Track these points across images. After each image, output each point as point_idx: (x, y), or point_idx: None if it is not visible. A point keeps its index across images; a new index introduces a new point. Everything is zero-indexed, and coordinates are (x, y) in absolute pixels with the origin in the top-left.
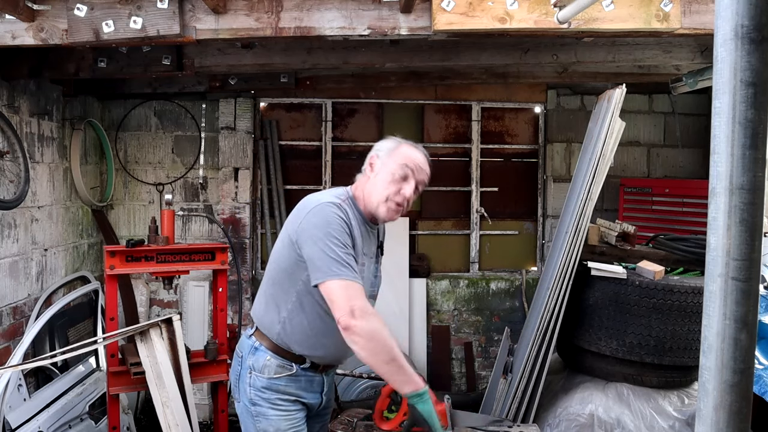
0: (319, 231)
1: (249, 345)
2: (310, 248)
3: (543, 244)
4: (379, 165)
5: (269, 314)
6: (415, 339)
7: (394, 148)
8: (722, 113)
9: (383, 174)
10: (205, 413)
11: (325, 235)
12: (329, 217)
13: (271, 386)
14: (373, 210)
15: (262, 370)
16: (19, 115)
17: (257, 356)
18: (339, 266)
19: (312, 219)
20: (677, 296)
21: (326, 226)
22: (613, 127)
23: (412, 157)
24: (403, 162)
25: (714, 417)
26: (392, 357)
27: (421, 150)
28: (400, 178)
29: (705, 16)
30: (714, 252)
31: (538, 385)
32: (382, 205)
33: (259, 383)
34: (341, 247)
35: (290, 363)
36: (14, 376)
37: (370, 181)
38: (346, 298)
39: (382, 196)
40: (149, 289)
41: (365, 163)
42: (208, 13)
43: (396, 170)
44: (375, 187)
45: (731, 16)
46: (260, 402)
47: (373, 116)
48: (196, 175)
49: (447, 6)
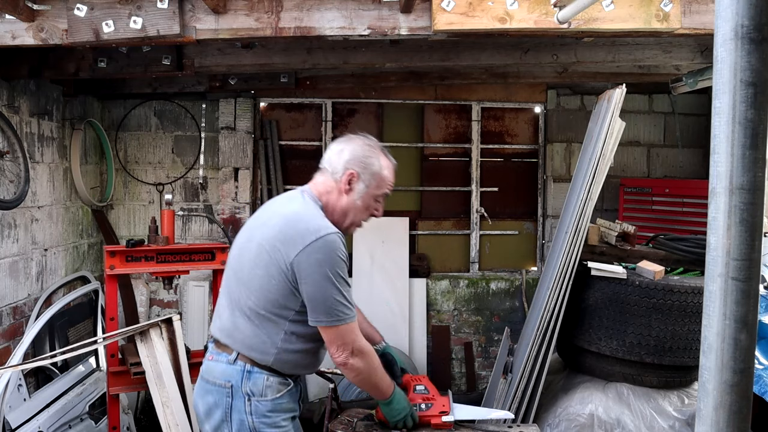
0: (325, 270)
1: (238, 371)
2: (314, 288)
3: (543, 244)
4: (361, 189)
5: (259, 341)
6: (415, 339)
7: (377, 170)
8: (722, 113)
9: (365, 200)
10: None
11: (333, 275)
12: (335, 255)
13: (276, 407)
14: (341, 226)
15: (264, 393)
16: (19, 115)
17: (253, 380)
18: (345, 309)
19: (315, 255)
20: (677, 296)
21: (332, 265)
22: (613, 127)
23: (390, 179)
24: (384, 189)
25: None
26: (375, 383)
27: (392, 161)
28: (377, 203)
29: (705, 16)
30: (714, 252)
31: (538, 385)
32: (354, 227)
33: (263, 408)
34: (345, 286)
35: (286, 379)
36: (14, 376)
37: (347, 201)
38: (349, 342)
39: (358, 219)
40: (149, 289)
41: (339, 171)
42: (208, 13)
43: (378, 197)
44: (352, 210)
45: (731, 16)
46: (264, 429)
47: (373, 116)
48: (196, 175)
49: (447, 6)
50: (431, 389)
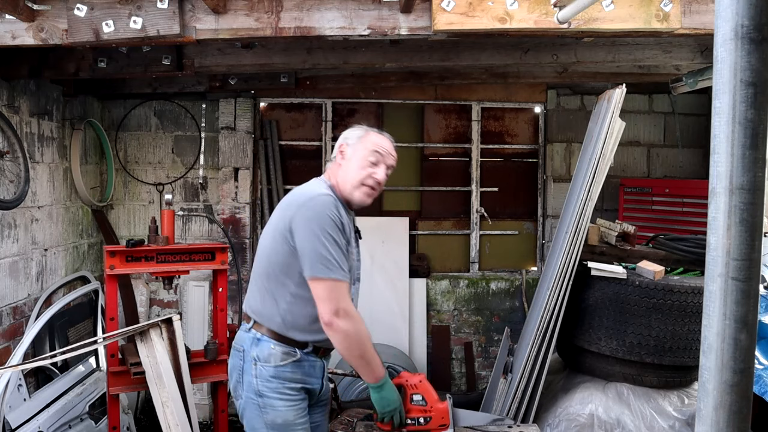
0: (314, 225)
1: (250, 338)
2: (304, 242)
3: (543, 244)
4: (350, 152)
5: (267, 307)
6: (415, 339)
7: (362, 135)
8: (722, 113)
9: (355, 160)
10: (205, 413)
11: (320, 230)
12: (323, 212)
13: (279, 374)
14: (347, 195)
15: (267, 359)
16: (19, 115)
17: (261, 346)
18: (330, 264)
19: (306, 213)
20: (677, 296)
21: (320, 221)
22: (613, 127)
23: (380, 143)
24: (373, 148)
25: (714, 417)
26: (362, 354)
27: (388, 137)
28: (371, 163)
29: (705, 16)
30: (714, 252)
31: (538, 385)
32: (357, 190)
33: (266, 373)
34: (334, 244)
35: (294, 349)
36: (14, 376)
37: (343, 168)
38: (334, 299)
39: (356, 180)
40: (149, 289)
41: (335, 151)
42: (208, 13)
43: (367, 155)
44: (348, 173)
45: (731, 16)
46: (268, 393)
47: (373, 116)
48: (196, 175)
49: (447, 6)
50: (429, 398)
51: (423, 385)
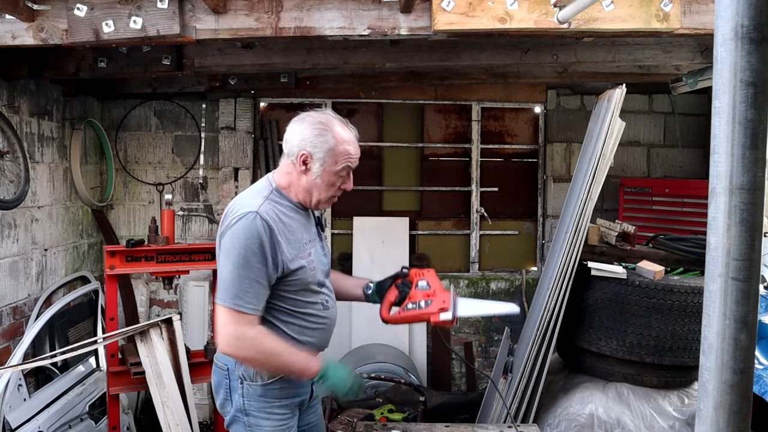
0: (230, 251)
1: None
2: (219, 265)
3: (543, 244)
4: (317, 168)
5: None
6: (415, 339)
7: (332, 146)
8: (722, 113)
9: (325, 178)
10: (205, 413)
11: (234, 258)
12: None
13: (266, 393)
14: (310, 205)
15: (254, 378)
16: (19, 115)
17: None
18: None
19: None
20: (677, 296)
21: (236, 250)
22: (613, 127)
23: (351, 151)
24: (345, 162)
25: (714, 417)
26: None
27: (353, 132)
28: (341, 177)
29: (705, 16)
30: (714, 252)
31: (538, 385)
32: (324, 203)
33: (254, 392)
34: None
35: None
36: (14, 376)
37: (306, 181)
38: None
39: (324, 196)
40: (149, 289)
41: (293, 154)
42: (208, 13)
43: (339, 170)
44: (314, 188)
45: (731, 16)
46: (254, 412)
47: (373, 116)
48: (196, 175)
49: (447, 6)
50: (434, 284)
51: (429, 274)
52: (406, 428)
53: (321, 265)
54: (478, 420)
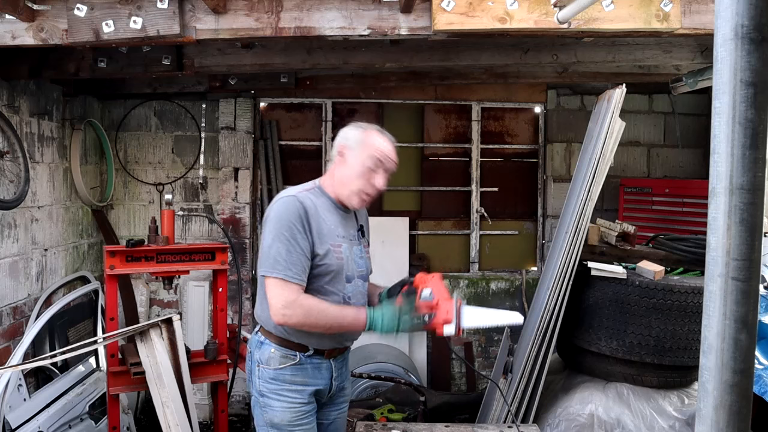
0: (270, 226)
1: (256, 341)
2: (262, 242)
3: (543, 244)
4: (351, 156)
5: (265, 310)
6: (415, 339)
7: (363, 139)
8: (722, 113)
9: (355, 166)
10: (205, 413)
11: (276, 232)
12: (281, 214)
13: (278, 377)
14: (344, 199)
15: (268, 362)
16: (19, 115)
17: (263, 350)
18: (278, 263)
19: (269, 215)
20: (677, 296)
21: (277, 223)
22: (613, 127)
23: (381, 148)
24: (374, 154)
25: (714, 417)
26: (330, 326)
27: (388, 137)
28: (371, 170)
29: (705, 16)
30: (714, 252)
31: (538, 385)
32: (354, 196)
33: (266, 375)
34: (286, 243)
35: (293, 352)
36: (14, 376)
37: (341, 171)
38: (277, 296)
39: (354, 187)
40: (149, 289)
41: (334, 150)
42: (208, 13)
43: (367, 162)
44: (347, 177)
45: (731, 16)
46: (267, 393)
47: (373, 116)
48: (196, 175)
49: (447, 6)
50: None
51: (434, 281)
52: (406, 428)
53: (354, 263)
54: (478, 420)
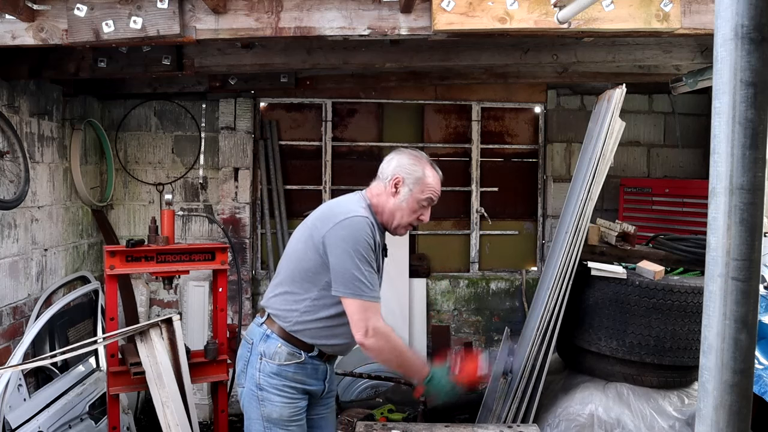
0: (347, 246)
1: (260, 332)
2: (337, 260)
3: (543, 244)
4: (406, 192)
5: (284, 307)
6: (415, 339)
7: (420, 177)
8: (722, 113)
9: (410, 203)
10: (205, 413)
11: (353, 251)
12: (359, 234)
13: (280, 372)
14: (390, 228)
15: (272, 357)
16: (19, 115)
17: (269, 343)
18: (362, 285)
19: (341, 231)
20: (677, 296)
21: (355, 243)
22: (613, 127)
23: (435, 186)
24: (429, 194)
25: (714, 417)
26: (399, 364)
27: (439, 174)
28: (422, 207)
29: (705, 16)
30: (714, 252)
31: (538, 385)
32: (402, 229)
33: (269, 369)
34: (366, 264)
35: (299, 351)
36: (14, 376)
37: (393, 203)
38: (364, 319)
39: (404, 221)
40: (149, 289)
41: (387, 177)
42: (208, 13)
43: (422, 201)
44: (399, 211)
45: (731, 16)
46: (267, 388)
47: (373, 116)
48: (196, 175)
49: (447, 6)
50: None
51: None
52: (406, 428)
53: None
54: (478, 420)
